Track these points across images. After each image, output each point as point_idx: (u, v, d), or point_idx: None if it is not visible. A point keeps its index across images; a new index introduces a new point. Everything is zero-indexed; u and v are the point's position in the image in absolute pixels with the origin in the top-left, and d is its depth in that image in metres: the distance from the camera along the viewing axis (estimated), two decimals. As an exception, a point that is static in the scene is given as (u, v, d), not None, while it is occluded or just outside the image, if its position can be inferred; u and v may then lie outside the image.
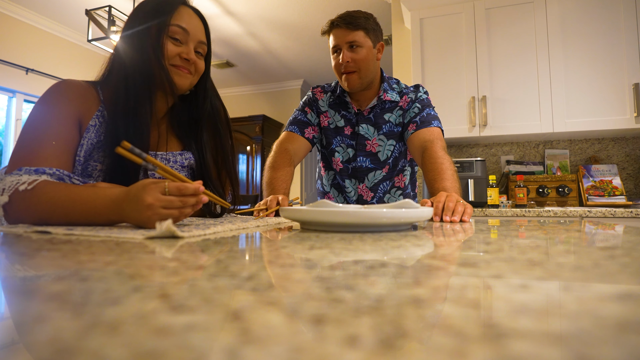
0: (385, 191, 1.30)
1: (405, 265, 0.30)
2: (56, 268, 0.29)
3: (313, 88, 1.34)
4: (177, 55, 0.77)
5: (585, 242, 0.45)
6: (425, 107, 1.21)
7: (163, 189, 0.54)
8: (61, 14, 3.33)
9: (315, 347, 0.13)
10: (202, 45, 0.82)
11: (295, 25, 3.57)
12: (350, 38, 1.13)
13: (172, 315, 0.16)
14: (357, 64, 1.14)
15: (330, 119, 1.29)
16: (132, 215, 0.55)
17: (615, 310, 0.17)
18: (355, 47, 1.14)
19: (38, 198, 0.62)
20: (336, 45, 1.16)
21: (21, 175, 0.64)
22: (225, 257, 0.32)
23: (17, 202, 0.62)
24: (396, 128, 1.25)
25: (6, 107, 3.28)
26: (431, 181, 0.99)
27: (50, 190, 0.62)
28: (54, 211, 0.60)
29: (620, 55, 2.06)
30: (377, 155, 1.26)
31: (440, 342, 0.13)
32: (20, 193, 0.62)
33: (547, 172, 2.36)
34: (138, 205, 0.53)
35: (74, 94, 0.75)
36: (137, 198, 0.54)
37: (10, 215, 0.63)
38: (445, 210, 0.74)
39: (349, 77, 1.16)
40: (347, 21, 1.13)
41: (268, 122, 4.95)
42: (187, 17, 0.79)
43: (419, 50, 2.37)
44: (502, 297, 0.20)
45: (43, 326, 0.16)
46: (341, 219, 0.53)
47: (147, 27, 0.76)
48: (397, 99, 1.23)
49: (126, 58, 0.77)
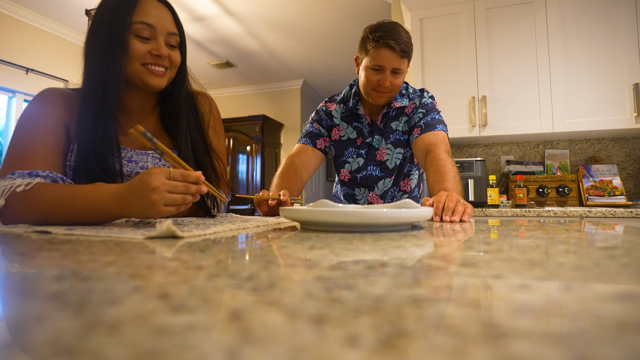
0: (393, 196, 1.32)
1: (405, 265, 0.30)
2: (56, 268, 0.29)
3: (324, 102, 1.34)
4: (147, 53, 0.73)
5: (585, 242, 0.45)
6: (430, 111, 1.21)
7: (168, 173, 0.56)
8: (61, 14, 3.34)
9: (315, 347, 0.13)
10: (174, 36, 0.77)
11: (295, 25, 3.57)
12: (398, 65, 1.11)
13: (172, 315, 0.16)
14: (394, 87, 1.15)
15: (342, 132, 1.29)
16: (136, 203, 0.56)
17: (615, 310, 0.17)
18: (398, 74, 1.13)
19: (37, 197, 0.62)
20: (381, 66, 1.11)
21: (14, 178, 0.64)
22: (225, 257, 0.32)
23: (14, 204, 0.62)
24: (403, 136, 1.25)
25: (6, 107, 3.28)
26: (433, 183, 1.00)
27: (49, 189, 0.63)
28: (53, 209, 0.60)
29: (620, 55, 2.06)
30: (386, 163, 1.27)
31: (440, 342, 0.13)
32: (18, 195, 0.62)
33: (547, 172, 2.36)
34: (143, 190, 0.54)
35: (58, 100, 0.75)
36: (143, 183, 0.54)
37: (7, 218, 0.63)
38: (445, 210, 0.74)
39: (382, 95, 1.16)
40: (402, 47, 1.09)
41: (268, 122, 4.95)
42: (152, 9, 0.74)
43: (419, 50, 2.37)
44: (502, 297, 0.20)
45: (43, 326, 0.16)
46: (341, 219, 0.53)
47: (109, 28, 0.71)
48: (406, 104, 1.24)
49: (93, 63, 0.74)
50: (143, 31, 0.73)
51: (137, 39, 0.73)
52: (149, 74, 0.75)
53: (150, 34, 0.74)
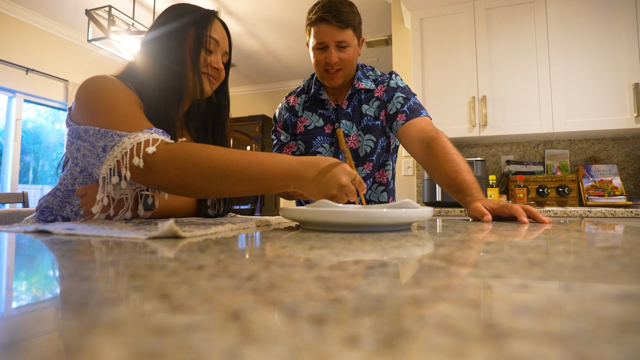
0: (368, 188, 1.24)
1: (405, 265, 0.30)
2: (56, 268, 0.29)
3: (285, 97, 1.29)
4: (209, 64, 0.82)
5: (585, 242, 0.45)
6: (410, 95, 1.16)
7: (354, 177, 0.62)
8: (61, 14, 3.34)
9: (315, 347, 0.13)
10: (226, 55, 0.88)
11: (295, 25, 3.57)
12: (341, 38, 1.07)
13: (172, 315, 0.16)
14: (343, 63, 1.10)
15: (307, 122, 1.22)
16: (315, 189, 0.59)
17: (615, 310, 0.17)
18: (344, 47, 1.08)
19: (208, 154, 0.60)
20: (322, 43, 1.08)
21: (153, 133, 0.62)
22: (225, 257, 0.32)
23: (171, 155, 0.59)
24: (374, 121, 1.17)
25: (6, 107, 3.28)
26: (448, 172, 0.95)
27: (218, 148, 0.61)
28: (227, 168, 0.59)
29: (620, 55, 2.06)
30: (357, 151, 1.19)
31: (440, 342, 0.13)
32: (175, 146, 0.60)
33: (547, 172, 2.36)
34: (330, 181, 0.59)
35: (126, 86, 0.74)
36: (333, 175, 0.59)
37: (155, 170, 0.59)
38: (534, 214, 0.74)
39: (334, 75, 1.11)
40: (338, 18, 1.05)
41: (268, 122, 4.94)
42: (218, 29, 0.84)
43: (419, 50, 2.37)
44: (502, 297, 0.20)
45: (43, 326, 0.16)
46: (341, 219, 0.53)
47: (183, 35, 0.79)
48: (372, 87, 1.18)
49: (159, 61, 0.78)
50: (211, 45, 0.82)
51: (204, 50, 0.82)
52: (205, 80, 0.82)
53: (214, 49, 0.83)
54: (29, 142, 3.68)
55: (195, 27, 0.80)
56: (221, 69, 0.85)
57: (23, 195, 2.13)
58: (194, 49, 0.79)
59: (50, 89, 3.46)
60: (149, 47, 0.80)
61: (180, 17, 0.81)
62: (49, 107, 3.62)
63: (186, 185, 0.61)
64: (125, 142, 0.61)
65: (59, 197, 0.78)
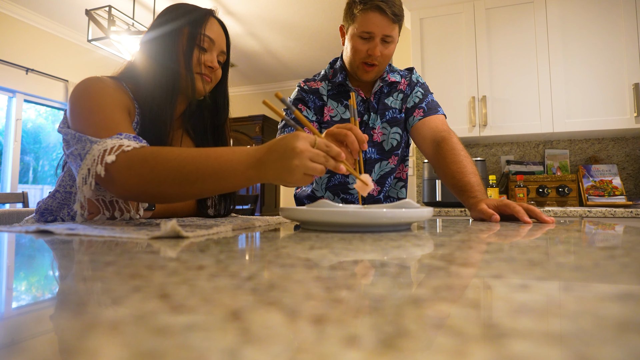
0: (390, 185, 1.20)
1: (405, 265, 0.30)
2: (56, 268, 0.29)
3: (304, 82, 1.18)
4: (202, 63, 0.80)
5: (585, 242, 0.45)
6: (428, 92, 1.15)
7: (313, 141, 0.54)
8: (61, 14, 3.33)
9: (315, 347, 0.13)
10: (223, 55, 0.85)
11: (295, 25, 3.57)
12: (389, 32, 1.00)
13: (172, 315, 0.16)
14: (383, 59, 1.04)
15: (333, 112, 1.14)
16: (275, 166, 0.53)
17: (615, 310, 0.17)
18: (388, 42, 1.02)
19: (164, 156, 0.57)
20: (370, 33, 0.99)
21: (122, 139, 0.60)
22: (225, 257, 0.32)
23: (128, 162, 0.57)
24: (399, 115, 1.14)
25: (6, 107, 3.27)
26: (454, 173, 0.95)
27: (169, 150, 0.59)
28: (183, 168, 0.56)
29: (620, 55, 2.06)
30: (382, 144, 1.14)
31: (440, 342, 0.13)
32: (133, 152, 0.57)
33: (547, 172, 2.36)
34: (285, 153, 0.53)
35: (116, 88, 0.73)
36: (287, 145, 0.53)
37: (118, 183, 0.58)
38: (536, 214, 0.74)
39: (371, 69, 1.05)
40: (394, 12, 0.97)
41: (268, 122, 4.94)
42: (214, 27, 0.83)
43: (419, 50, 2.37)
44: (502, 297, 0.20)
45: (43, 326, 0.16)
46: (341, 219, 0.53)
47: (178, 34, 0.79)
48: (399, 79, 1.15)
49: (155, 60, 0.78)
50: (205, 43, 0.80)
51: (198, 49, 0.80)
52: (199, 79, 0.81)
53: (209, 47, 0.81)
54: (29, 142, 3.67)
55: (190, 25, 0.79)
56: (216, 68, 0.83)
57: (23, 195, 2.13)
58: (187, 47, 0.78)
59: (50, 89, 3.46)
60: (146, 47, 0.80)
61: (177, 17, 0.80)
62: (49, 107, 3.62)
63: (146, 192, 0.58)
64: (94, 150, 0.59)
65: (58, 199, 0.78)
